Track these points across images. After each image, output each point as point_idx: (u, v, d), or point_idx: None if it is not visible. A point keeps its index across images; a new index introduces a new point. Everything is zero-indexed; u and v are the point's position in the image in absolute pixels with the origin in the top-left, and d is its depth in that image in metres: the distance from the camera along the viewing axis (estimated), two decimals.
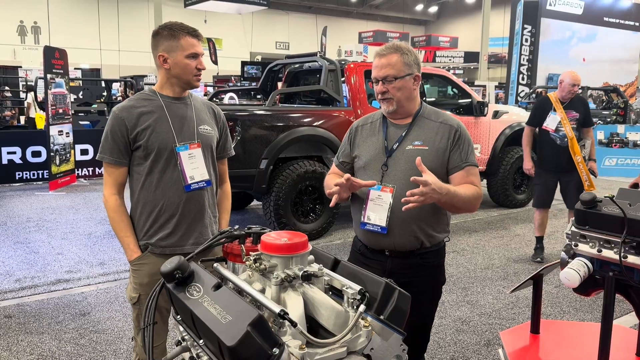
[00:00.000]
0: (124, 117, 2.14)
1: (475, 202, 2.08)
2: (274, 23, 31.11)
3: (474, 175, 2.12)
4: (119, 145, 2.14)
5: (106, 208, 2.20)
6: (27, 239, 5.89)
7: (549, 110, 5.10)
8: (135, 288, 2.22)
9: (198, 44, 2.17)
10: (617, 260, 1.67)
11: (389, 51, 2.08)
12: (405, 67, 2.07)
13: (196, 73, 2.18)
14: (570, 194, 5.18)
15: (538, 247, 5.42)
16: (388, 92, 2.08)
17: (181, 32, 2.13)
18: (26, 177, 9.30)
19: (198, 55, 2.17)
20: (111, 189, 2.19)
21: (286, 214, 5.72)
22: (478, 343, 3.55)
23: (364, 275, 1.28)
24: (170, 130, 2.17)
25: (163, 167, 2.17)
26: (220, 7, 15.82)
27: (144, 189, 2.18)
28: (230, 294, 1.11)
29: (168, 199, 2.18)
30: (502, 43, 26.83)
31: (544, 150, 5.19)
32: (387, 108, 2.11)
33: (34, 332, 3.64)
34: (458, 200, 2.00)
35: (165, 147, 2.15)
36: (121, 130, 2.13)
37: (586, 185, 5.12)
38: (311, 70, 7.15)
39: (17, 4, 24.19)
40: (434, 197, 1.90)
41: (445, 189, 1.93)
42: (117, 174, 2.18)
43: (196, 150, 2.21)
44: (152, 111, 2.17)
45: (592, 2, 15.56)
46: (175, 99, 2.23)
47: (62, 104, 9.00)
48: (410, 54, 2.10)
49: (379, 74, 2.07)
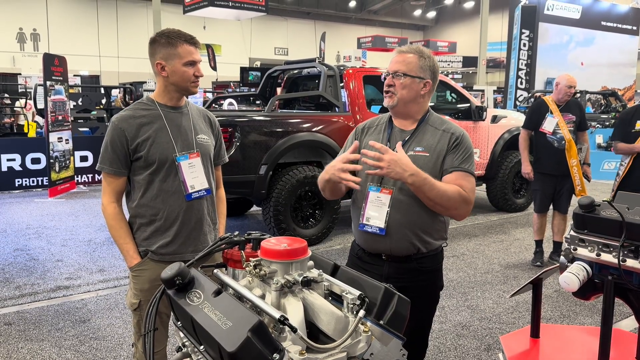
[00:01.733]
0: (124, 128, 2.14)
1: (457, 203, 2.01)
2: (272, 29, 31.20)
3: (465, 180, 2.06)
4: (119, 156, 2.15)
5: (105, 216, 2.21)
6: (27, 246, 5.88)
7: (545, 113, 5.10)
8: (136, 294, 2.22)
9: (195, 51, 2.19)
10: (616, 264, 1.67)
11: (409, 50, 2.13)
12: (418, 70, 2.09)
13: (194, 80, 2.20)
14: (564, 197, 5.16)
15: (538, 251, 5.41)
16: (393, 87, 2.10)
17: (178, 39, 2.14)
18: (26, 184, 9.31)
19: (196, 63, 2.18)
20: (110, 198, 2.20)
21: (286, 219, 5.73)
22: (478, 348, 3.54)
23: (363, 281, 1.28)
24: (170, 140, 2.19)
25: (164, 177, 2.18)
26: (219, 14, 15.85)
27: (144, 198, 2.19)
28: (230, 300, 1.11)
29: (169, 208, 2.19)
30: (500, 48, 26.91)
31: (541, 153, 5.18)
32: (388, 102, 2.14)
33: (34, 339, 3.64)
34: (430, 189, 1.95)
35: (166, 158, 2.17)
36: (121, 141, 2.14)
37: (578, 189, 5.08)
38: (310, 75, 7.17)
39: (16, 12, 24.26)
40: (397, 172, 1.91)
41: (413, 169, 1.92)
42: (116, 183, 2.20)
43: (196, 159, 2.24)
44: (152, 122, 2.18)
45: (589, 7, 15.63)
46: (173, 108, 2.25)
47: (62, 111, 9.01)
48: (429, 59, 2.12)
49: (391, 68, 2.12)
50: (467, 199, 2.05)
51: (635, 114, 4.62)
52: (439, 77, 2.20)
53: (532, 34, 14.53)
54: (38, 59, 11.39)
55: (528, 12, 14.35)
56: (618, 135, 4.68)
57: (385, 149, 1.92)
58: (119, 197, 2.22)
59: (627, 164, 4.55)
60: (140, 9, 27.00)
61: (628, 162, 4.54)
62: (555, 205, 5.28)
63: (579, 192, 5.11)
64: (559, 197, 5.20)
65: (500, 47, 27.02)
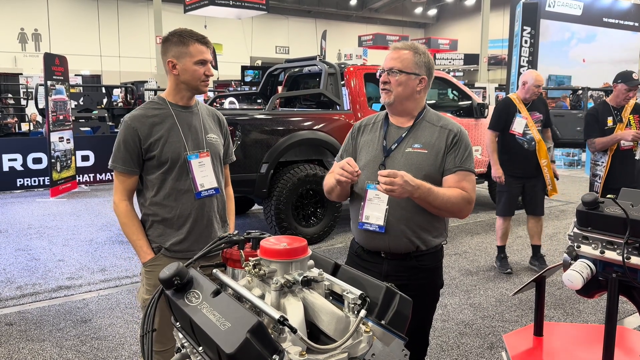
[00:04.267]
0: (136, 127, 2.17)
1: (461, 206, 2.04)
2: (273, 27, 31.17)
3: (467, 181, 2.07)
4: (132, 155, 2.18)
5: (117, 214, 2.24)
6: (28, 246, 5.88)
7: (514, 113, 4.81)
8: (148, 290, 2.24)
9: (206, 50, 2.21)
10: (620, 262, 1.65)
11: (403, 46, 2.11)
12: (413, 66, 2.07)
13: (204, 79, 2.23)
14: (538, 199, 4.96)
15: (503, 257, 5.13)
16: (389, 84, 2.09)
17: (190, 38, 2.18)
18: (27, 184, 9.31)
19: (206, 62, 2.21)
20: (122, 196, 2.23)
21: (287, 218, 5.71)
22: (481, 346, 3.53)
23: (364, 280, 1.27)
24: (182, 139, 2.22)
25: (176, 176, 2.22)
26: (220, 13, 15.84)
27: (158, 197, 2.22)
28: (229, 300, 1.10)
29: (181, 206, 2.23)
30: (501, 45, 26.84)
31: (511, 155, 4.87)
32: (384, 99, 2.13)
33: (35, 339, 3.63)
34: (434, 199, 1.98)
35: (178, 157, 2.21)
36: (134, 140, 2.17)
37: (549, 189, 4.95)
38: (311, 74, 7.16)
39: (17, 12, 24.28)
40: (406, 189, 1.90)
41: (417, 183, 1.92)
42: (128, 182, 2.22)
43: (206, 159, 2.28)
44: (164, 121, 2.21)
45: (591, 3, 15.57)
46: (184, 107, 2.28)
47: (63, 111, 9.01)
48: (424, 55, 2.11)
49: (386, 65, 2.10)
50: (470, 199, 2.07)
51: (602, 110, 4.53)
52: (434, 74, 2.19)
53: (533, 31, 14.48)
54: (39, 59, 11.37)
55: (529, 9, 14.30)
56: (593, 132, 4.56)
57: (394, 173, 1.89)
58: (130, 195, 2.25)
59: (606, 163, 4.46)
60: (141, 9, 26.99)
61: (607, 161, 4.46)
62: (529, 209, 5.04)
63: (550, 191, 4.98)
64: (532, 200, 4.96)
65: (501, 45, 26.94)
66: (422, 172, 2.04)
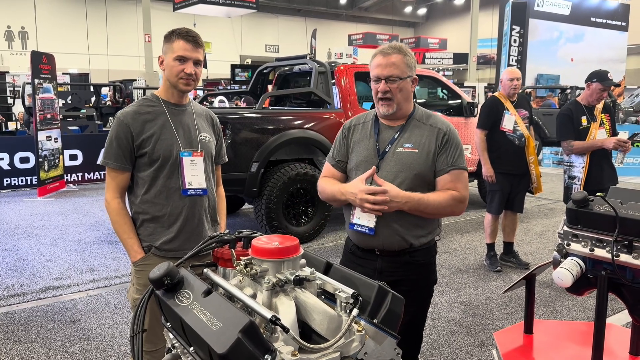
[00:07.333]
0: (129, 123, 2.16)
1: (453, 207, 2.07)
2: (263, 26, 31.10)
3: (459, 180, 2.08)
4: (124, 151, 2.17)
5: (108, 211, 2.22)
6: (16, 246, 5.82)
7: (502, 111, 4.86)
8: (139, 289, 2.22)
9: (191, 48, 2.15)
10: (610, 259, 1.67)
11: (393, 51, 2.07)
12: (407, 69, 2.07)
13: (182, 76, 2.16)
14: (521, 196, 5.00)
15: (493, 255, 5.13)
16: (390, 92, 2.05)
17: (175, 35, 2.16)
18: (14, 183, 9.21)
19: (186, 59, 2.15)
20: (114, 193, 2.21)
21: (278, 217, 5.70)
22: (472, 344, 3.54)
23: (356, 279, 1.27)
24: (174, 136, 2.21)
25: (168, 174, 2.20)
26: (209, 11, 15.78)
27: (148, 194, 2.21)
28: (220, 300, 1.09)
29: (172, 204, 2.21)
30: (490, 44, 27.01)
31: (500, 153, 4.88)
32: (387, 110, 2.08)
33: (23, 340, 3.59)
34: (426, 207, 2.01)
35: (170, 155, 2.19)
36: (126, 137, 2.16)
37: (534, 186, 4.98)
38: (301, 72, 7.14)
39: (4, 9, 24.01)
40: (395, 205, 1.95)
41: (405, 197, 1.96)
42: (120, 178, 2.21)
43: (198, 158, 2.26)
44: (156, 118, 2.20)
45: (579, 3, 15.69)
46: (177, 105, 2.27)
47: (50, 109, 8.92)
48: (411, 56, 2.11)
49: (383, 73, 2.05)
50: (462, 198, 2.08)
51: (576, 110, 4.48)
52: (424, 73, 2.21)
53: (522, 30, 14.56)
54: (26, 57, 11.26)
55: (518, 9, 14.38)
56: (568, 134, 4.45)
57: (382, 190, 1.94)
58: (122, 193, 2.24)
59: (585, 164, 4.40)
60: (130, 7, 26.79)
61: (586, 162, 4.40)
62: (508, 205, 5.02)
63: (535, 189, 5.00)
64: (514, 197, 4.98)
65: (490, 44, 27.11)
66: (413, 171, 2.05)
